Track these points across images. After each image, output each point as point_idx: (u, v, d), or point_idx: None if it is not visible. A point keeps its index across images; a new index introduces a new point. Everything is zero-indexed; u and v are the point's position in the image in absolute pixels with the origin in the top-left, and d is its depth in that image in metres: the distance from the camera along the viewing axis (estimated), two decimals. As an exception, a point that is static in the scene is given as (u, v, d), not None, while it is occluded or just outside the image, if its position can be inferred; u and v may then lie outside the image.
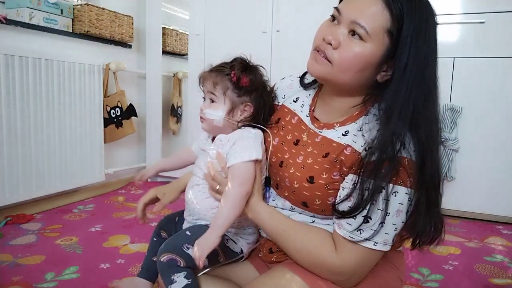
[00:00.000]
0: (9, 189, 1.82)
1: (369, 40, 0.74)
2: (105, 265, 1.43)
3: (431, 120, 0.77)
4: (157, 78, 2.69)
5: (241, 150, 0.88)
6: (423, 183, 0.75)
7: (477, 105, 2.02)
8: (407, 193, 0.74)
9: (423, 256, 1.58)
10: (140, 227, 1.81)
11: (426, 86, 0.76)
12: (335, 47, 0.76)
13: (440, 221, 0.81)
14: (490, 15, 1.96)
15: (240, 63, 0.95)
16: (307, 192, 0.83)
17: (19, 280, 1.30)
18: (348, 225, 0.76)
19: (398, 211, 0.74)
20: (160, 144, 2.72)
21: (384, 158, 0.73)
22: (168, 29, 2.84)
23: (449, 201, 2.10)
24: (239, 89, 0.92)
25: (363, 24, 0.73)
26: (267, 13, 2.27)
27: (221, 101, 0.93)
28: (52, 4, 2.06)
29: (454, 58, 2.04)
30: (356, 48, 0.75)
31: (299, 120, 0.92)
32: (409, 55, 0.73)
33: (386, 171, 0.72)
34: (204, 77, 0.96)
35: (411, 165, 0.74)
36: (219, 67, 0.94)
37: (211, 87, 0.93)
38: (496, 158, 2.00)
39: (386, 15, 0.74)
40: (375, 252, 0.77)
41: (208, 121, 0.94)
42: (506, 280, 1.39)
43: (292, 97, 0.98)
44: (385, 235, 0.76)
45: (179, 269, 0.88)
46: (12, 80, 1.80)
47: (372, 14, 0.74)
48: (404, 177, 0.73)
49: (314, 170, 0.83)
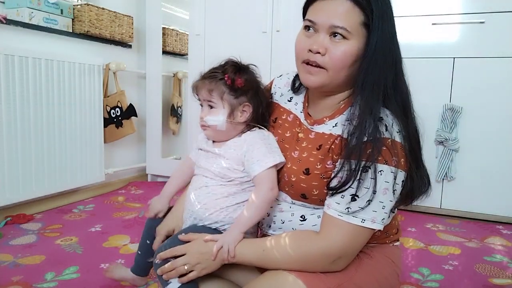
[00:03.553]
0: (9, 189, 1.82)
1: (351, 37, 0.81)
2: (105, 265, 1.43)
3: (403, 91, 0.85)
4: (157, 78, 2.69)
5: (262, 156, 0.91)
6: (411, 154, 0.82)
7: (477, 105, 2.02)
8: (392, 171, 0.79)
9: (423, 256, 1.58)
10: (140, 227, 1.81)
11: (394, 61, 0.84)
12: (323, 54, 0.82)
13: (427, 177, 0.88)
14: (490, 15, 1.96)
15: (232, 65, 0.96)
16: (304, 183, 0.88)
17: (19, 280, 1.30)
18: (337, 204, 0.81)
19: (384, 189, 0.79)
20: (160, 144, 2.72)
21: (367, 140, 0.78)
22: (168, 29, 2.84)
23: (449, 201, 2.11)
24: (235, 90, 0.94)
25: (342, 25, 0.80)
26: (267, 13, 2.27)
27: (219, 106, 0.94)
28: (52, 4, 2.06)
29: (454, 58, 2.04)
30: (342, 47, 0.81)
31: (295, 117, 0.98)
32: (378, 35, 0.81)
33: (369, 152, 0.78)
34: (197, 86, 0.96)
35: (395, 145, 0.80)
36: (211, 73, 0.96)
37: (207, 94, 0.95)
38: (496, 158, 2.00)
39: (357, 10, 0.81)
40: (363, 229, 0.81)
41: (211, 127, 0.95)
42: (506, 280, 1.39)
43: (287, 97, 1.02)
44: (373, 213, 0.80)
45: None
46: (12, 80, 1.80)
47: (346, 14, 0.81)
48: (388, 156, 0.79)
49: (309, 162, 0.88)
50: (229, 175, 0.94)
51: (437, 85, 2.08)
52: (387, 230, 0.95)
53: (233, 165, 0.94)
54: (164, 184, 1.10)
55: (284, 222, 0.94)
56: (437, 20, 2.05)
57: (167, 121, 2.93)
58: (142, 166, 2.77)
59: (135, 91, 2.71)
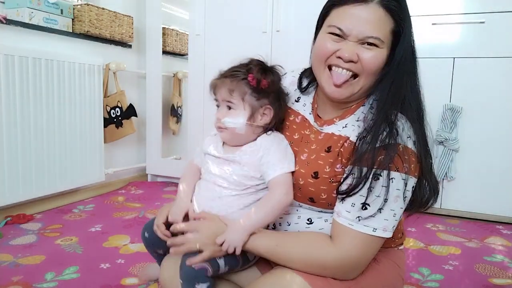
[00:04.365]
0: (9, 189, 1.82)
1: (383, 45, 0.79)
2: (105, 265, 1.43)
3: (419, 96, 0.84)
4: (157, 78, 2.69)
5: (278, 161, 0.86)
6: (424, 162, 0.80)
7: (477, 105, 2.02)
8: (403, 178, 0.77)
9: (423, 256, 1.58)
10: (140, 227, 1.81)
11: (415, 74, 0.83)
12: (355, 61, 0.79)
13: (436, 184, 0.86)
14: (490, 15, 1.96)
15: (258, 65, 0.91)
16: (312, 187, 0.85)
17: (19, 280, 1.30)
18: (347, 213, 0.79)
19: (396, 197, 0.77)
20: (160, 144, 2.72)
21: (379, 146, 0.76)
22: (168, 29, 2.84)
23: (449, 201, 2.11)
24: (258, 92, 0.88)
25: (377, 36, 0.77)
26: (267, 13, 2.27)
27: (240, 107, 0.88)
28: (52, 4, 2.06)
29: (454, 58, 2.04)
30: (373, 53, 0.79)
31: (303, 118, 0.94)
32: (404, 47, 0.80)
33: (381, 158, 0.75)
34: (216, 84, 0.90)
35: (406, 151, 0.77)
36: (233, 71, 0.90)
37: (226, 94, 0.88)
38: (496, 158, 2.00)
39: (389, 17, 0.78)
40: (375, 238, 0.79)
41: (230, 129, 0.89)
42: (506, 280, 1.39)
43: (294, 97, 0.99)
44: (384, 221, 0.78)
45: (205, 279, 0.83)
46: (12, 80, 1.80)
47: (378, 22, 0.78)
48: (399, 163, 0.76)
49: (318, 166, 0.85)
50: (246, 182, 0.88)
51: (437, 85, 2.08)
52: (393, 235, 0.94)
53: (250, 172, 0.88)
54: (164, 184, 1.10)
55: (290, 225, 0.92)
56: (437, 20, 2.05)
57: (167, 121, 2.93)
58: (142, 166, 2.77)
59: (135, 91, 2.71)
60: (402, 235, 0.99)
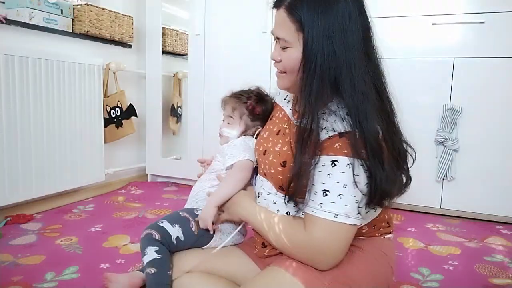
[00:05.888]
0: (9, 189, 1.82)
1: (291, 45, 0.86)
2: (105, 265, 1.43)
3: (355, 84, 0.82)
4: (157, 78, 2.69)
5: (238, 153, 1.07)
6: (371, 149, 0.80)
7: (477, 105, 2.02)
8: (350, 162, 0.80)
9: (423, 256, 1.58)
10: (140, 227, 1.81)
11: (337, 55, 0.81)
12: (279, 61, 0.91)
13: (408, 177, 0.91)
14: (490, 15, 1.96)
15: (257, 94, 1.14)
16: (281, 175, 0.93)
17: (19, 280, 1.30)
18: (311, 201, 0.83)
19: (353, 182, 0.80)
20: (160, 144, 2.72)
21: (312, 133, 0.81)
22: (168, 29, 2.83)
23: (449, 201, 2.11)
24: (253, 115, 1.12)
25: (283, 37, 0.87)
26: (267, 13, 2.27)
27: (237, 123, 1.14)
28: (52, 4, 2.06)
29: (454, 58, 2.04)
30: (288, 54, 0.87)
31: (284, 114, 1.03)
32: (309, 32, 0.82)
33: (313, 145, 0.81)
34: (226, 101, 1.16)
35: (348, 136, 0.81)
36: (239, 94, 1.15)
37: (230, 111, 1.14)
38: (496, 158, 2.00)
39: (290, 18, 0.84)
40: (340, 225, 0.81)
41: (224, 137, 1.16)
42: (506, 280, 1.39)
43: (284, 96, 1.08)
44: (346, 207, 0.80)
45: (153, 242, 1.00)
46: (12, 80, 1.80)
47: (283, 24, 0.86)
48: (347, 148, 0.80)
49: (286, 155, 0.92)
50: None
51: (437, 85, 2.08)
52: (375, 224, 0.97)
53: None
54: (164, 184, 1.15)
55: (259, 196, 1.01)
56: (437, 20, 2.05)
57: (167, 121, 2.93)
58: (142, 166, 2.77)
59: (135, 91, 2.71)
60: (388, 225, 1.01)
